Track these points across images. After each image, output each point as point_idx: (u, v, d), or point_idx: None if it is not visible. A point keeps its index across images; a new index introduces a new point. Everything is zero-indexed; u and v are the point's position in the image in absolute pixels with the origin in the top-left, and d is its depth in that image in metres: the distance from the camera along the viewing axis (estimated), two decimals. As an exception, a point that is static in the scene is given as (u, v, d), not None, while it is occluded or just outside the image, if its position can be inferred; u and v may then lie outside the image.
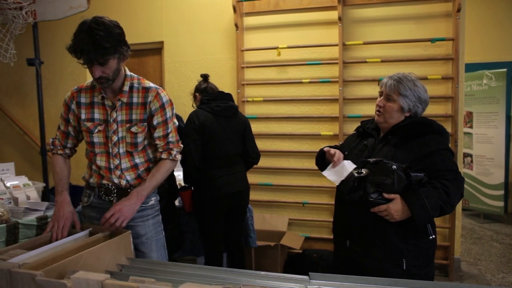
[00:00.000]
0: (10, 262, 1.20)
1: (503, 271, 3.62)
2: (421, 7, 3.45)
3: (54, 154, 1.88)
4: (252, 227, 3.04)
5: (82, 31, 1.54)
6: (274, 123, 3.88)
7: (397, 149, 1.69)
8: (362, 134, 1.91)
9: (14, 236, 2.24)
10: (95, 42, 1.51)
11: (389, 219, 1.58)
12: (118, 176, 1.80)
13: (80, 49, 1.54)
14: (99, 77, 1.63)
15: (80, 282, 1.03)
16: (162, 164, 1.84)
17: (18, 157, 4.81)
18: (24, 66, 3.68)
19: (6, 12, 3.31)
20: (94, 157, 1.82)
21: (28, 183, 2.73)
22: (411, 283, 1.23)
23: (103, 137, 1.79)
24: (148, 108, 1.79)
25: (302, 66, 3.74)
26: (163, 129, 1.83)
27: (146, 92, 1.79)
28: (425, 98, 1.77)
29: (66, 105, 1.85)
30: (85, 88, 1.82)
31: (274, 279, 1.32)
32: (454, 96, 3.34)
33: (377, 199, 1.56)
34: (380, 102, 1.77)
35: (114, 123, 1.77)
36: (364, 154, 1.78)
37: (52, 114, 4.63)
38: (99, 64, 1.59)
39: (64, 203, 1.69)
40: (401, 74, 1.78)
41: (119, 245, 1.51)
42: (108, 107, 1.77)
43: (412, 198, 1.54)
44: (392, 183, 1.55)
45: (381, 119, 1.77)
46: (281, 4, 3.72)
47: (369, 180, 1.56)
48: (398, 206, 1.55)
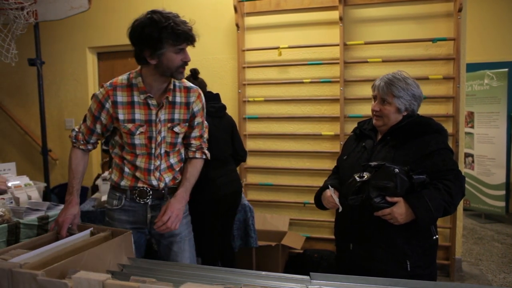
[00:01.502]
0: (11, 262, 1.20)
1: (504, 271, 3.61)
2: (422, 7, 3.45)
3: (74, 147, 1.81)
4: (253, 227, 3.04)
5: (171, 17, 1.57)
6: (275, 123, 3.88)
7: (397, 150, 1.68)
8: (360, 136, 1.89)
9: (15, 236, 2.24)
10: (186, 22, 1.62)
11: (393, 222, 1.57)
12: (157, 178, 1.78)
13: (186, 32, 1.57)
14: (187, 62, 1.66)
15: (81, 282, 1.03)
16: (197, 163, 1.86)
17: (19, 157, 4.82)
18: (26, 66, 3.69)
19: (7, 12, 3.31)
20: (134, 159, 1.76)
21: (29, 183, 2.73)
22: (411, 283, 1.23)
23: (145, 138, 1.74)
24: (191, 108, 1.78)
25: (303, 66, 3.74)
26: (200, 129, 1.84)
27: (188, 92, 1.78)
28: (419, 94, 1.77)
29: (99, 103, 1.73)
30: (121, 85, 1.72)
31: (275, 279, 1.32)
32: (455, 96, 3.34)
33: (380, 203, 1.55)
34: (376, 107, 1.76)
35: (159, 122, 1.73)
36: (363, 156, 1.77)
37: (53, 114, 4.64)
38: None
39: (70, 205, 1.68)
40: (391, 75, 1.77)
41: (120, 245, 1.51)
42: (153, 107, 1.71)
43: (416, 201, 1.54)
44: (395, 187, 1.54)
45: (380, 122, 1.77)
46: (282, 4, 3.72)
47: (371, 184, 1.55)
48: (402, 209, 1.54)
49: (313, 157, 3.77)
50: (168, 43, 1.56)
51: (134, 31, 1.60)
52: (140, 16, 1.62)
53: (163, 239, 1.84)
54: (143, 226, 1.82)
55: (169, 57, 1.59)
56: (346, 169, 1.82)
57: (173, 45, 1.57)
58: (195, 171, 1.83)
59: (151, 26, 1.54)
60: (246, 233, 3.03)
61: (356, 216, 1.71)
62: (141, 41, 1.59)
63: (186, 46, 1.61)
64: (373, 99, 1.81)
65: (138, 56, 1.64)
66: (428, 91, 3.45)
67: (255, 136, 3.88)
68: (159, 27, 1.53)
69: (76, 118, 4.61)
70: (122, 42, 4.27)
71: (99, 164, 4.64)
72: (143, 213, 1.80)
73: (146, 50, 1.59)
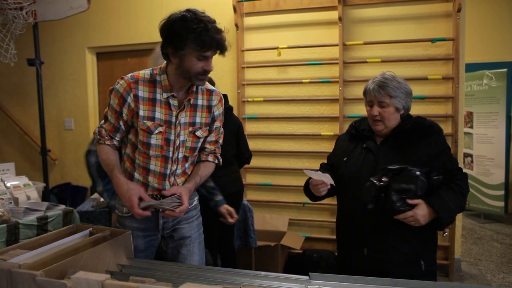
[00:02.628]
0: (10, 262, 1.20)
1: (503, 271, 3.61)
2: (422, 7, 3.45)
3: (100, 144, 1.69)
4: (253, 227, 3.04)
5: (206, 22, 1.48)
6: (274, 123, 3.88)
7: (404, 152, 1.69)
8: (356, 137, 1.87)
9: (15, 236, 2.24)
10: (221, 31, 1.53)
11: (414, 224, 1.57)
12: (171, 183, 1.69)
13: (214, 40, 1.49)
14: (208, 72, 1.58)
15: (81, 282, 1.03)
16: (210, 166, 1.79)
17: (18, 157, 4.82)
18: (25, 66, 3.68)
19: (6, 12, 3.31)
20: (147, 161, 1.66)
21: (28, 183, 2.73)
22: (411, 283, 1.23)
23: (162, 139, 1.64)
24: (212, 112, 1.72)
25: (303, 66, 3.74)
26: (216, 134, 1.78)
27: (210, 95, 1.72)
28: (410, 90, 1.78)
29: (120, 97, 1.61)
30: (143, 80, 1.62)
31: (274, 279, 1.32)
32: (455, 96, 3.34)
33: (402, 206, 1.55)
34: (374, 111, 1.73)
35: (179, 125, 1.65)
36: (368, 158, 1.75)
37: (52, 114, 4.64)
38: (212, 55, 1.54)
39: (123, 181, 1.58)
40: (380, 76, 1.76)
41: (120, 245, 1.51)
42: (174, 107, 1.62)
43: (437, 202, 1.56)
44: (416, 189, 1.55)
45: (381, 127, 1.75)
46: (281, 4, 3.72)
47: (393, 187, 1.55)
48: (424, 211, 1.55)
49: (313, 157, 3.76)
50: (191, 47, 1.48)
51: (164, 24, 1.53)
52: (178, 11, 1.53)
53: (172, 241, 1.78)
54: (155, 232, 1.76)
55: (190, 61, 1.51)
56: (350, 171, 1.78)
57: (196, 50, 1.48)
58: (207, 172, 1.77)
59: (180, 24, 1.47)
60: (245, 233, 3.03)
61: (372, 220, 1.68)
62: (167, 36, 1.53)
63: (211, 55, 1.53)
64: (367, 105, 1.79)
65: (163, 50, 1.58)
66: (427, 91, 3.46)
67: (254, 136, 3.88)
68: (187, 27, 1.45)
69: (75, 118, 4.61)
70: (121, 42, 4.34)
71: (98, 164, 4.63)
72: (154, 220, 1.73)
73: (169, 47, 1.53)
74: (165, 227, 1.75)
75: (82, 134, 4.57)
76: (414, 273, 1.62)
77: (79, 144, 4.56)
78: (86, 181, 4.57)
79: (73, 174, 4.67)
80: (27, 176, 2.85)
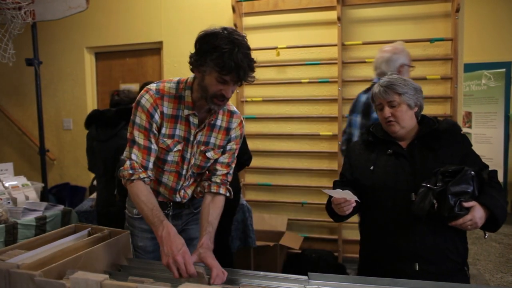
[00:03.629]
0: (9, 262, 1.20)
1: (501, 271, 3.62)
2: (420, 7, 3.45)
3: (133, 182, 1.48)
4: (251, 227, 3.04)
5: (236, 45, 1.35)
6: (273, 123, 3.88)
7: (437, 152, 1.62)
8: (373, 144, 1.74)
9: (13, 237, 2.24)
10: (250, 61, 1.40)
11: (471, 228, 1.48)
12: (181, 196, 1.68)
13: (236, 66, 1.35)
14: (226, 98, 1.45)
15: (79, 282, 1.03)
16: (220, 202, 1.63)
17: (17, 157, 4.81)
18: (23, 66, 3.67)
19: (4, 12, 3.30)
20: (160, 174, 1.62)
21: (27, 183, 2.73)
22: (411, 283, 1.24)
23: (179, 156, 1.58)
24: (229, 135, 1.63)
25: (301, 66, 3.74)
26: (230, 156, 1.67)
27: (230, 117, 1.63)
28: (419, 87, 1.72)
29: (147, 113, 1.49)
30: (169, 95, 1.52)
31: (273, 279, 1.32)
32: (453, 96, 3.35)
33: (460, 210, 1.44)
34: (386, 113, 1.65)
35: (195, 144, 1.58)
36: (402, 163, 1.63)
37: (51, 114, 4.63)
38: (239, 84, 1.43)
39: (171, 236, 1.35)
40: (385, 78, 1.72)
41: (118, 246, 1.51)
42: (193, 126, 1.55)
43: (491, 201, 1.48)
44: (473, 191, 1.47)
45: (397, 128, 1.66)
46: (280, 4, 3.72)
47: (450, 191, 1.44)
48: (481, 212, 1.45)
49: (311, 157, 3.77)
50: (210, 65, 1.37)
51: (200, 35, 1.43)
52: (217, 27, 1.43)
53: None
54: None
55: (209, 81, 1.41)
56: (381, 180, 1.65)
57: (215, 70, 1.37)
58: (217, 212, 1.59)
59: (209, 38, 1.37)
60: (244, 233, 3.03)
61: (423, 230, 1.56)
62: (196, 46, 1.43)
63: (231, 81, 1.40)
64: (378, 109, 1.73)
65: (190, 62, 1.48)
66: (426, 91, 3.44)
67: (253, 136, 3.88)
68: (214, 44, 1.35)
69: (74, 118, 4.60)
70: (120, 42, 4.34)
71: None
72: None
73: (194, 59, 1.44)
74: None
75: (81, 134, 4.55)
76: (462, 281, 1.57)
77: (78, 144, 4.55)
78: (84, 181, 4.57)
79: (71, 174, 4.67)
80: (26, 176, 2.84)
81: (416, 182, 1.55)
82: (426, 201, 1.47)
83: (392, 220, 1.61)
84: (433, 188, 1.46)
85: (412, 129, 1.70)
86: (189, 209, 1.77)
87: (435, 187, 1.46)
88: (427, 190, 1.48)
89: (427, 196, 1.47)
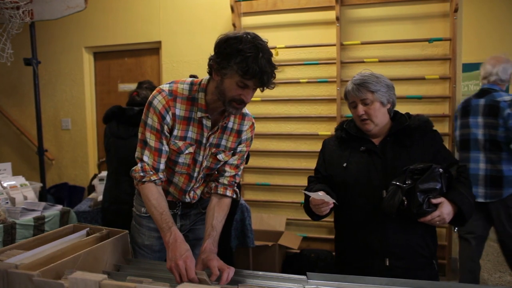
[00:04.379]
0: (7, 263, 1.20)
1: (500, 271, 3.63)
2: (419, 7, 3.46)
3: (144, 184, 1.51)
4: (250, 227, 3.04)
5: (260, 50, 1.35)
6: (272, 123, 3.88)
7: (409, 149, 1.64)
8: (346, 141, 1.77)
9: (11, 237, 2.23)
10: (273, 66, 1.41)
11: (439, 224, 1.52)
12: (191, 197, 1.68)
13: (260, 71, 1.34)
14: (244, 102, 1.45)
15: (78, 282, 1.03)
16: (225, 205, 1.63)
17: (15, 157, 4.80)
18: (21, 66, 3.67)
19: (3, 11, 3.29)
20: (171, 175, 1.62)
21: (25, 183, 2.72)
22: (409, 283, 1.24)
23: (191, 158, 1.57)
24: (240, 137, 1.64)
25: (300, 66, 3.74)
26: (239, 158, 1.67)
27: (242, 119, 1.64)
28: (391, 84, 1.73)
29: (159, 114, 1.49)
30: (182, 97, 1.51)
31: (272, 279, 1.32)
32: (452, 96, 3.35)
33: (429, 207, 1.47)
34: (360, 111, 1.67)
35: (208, 147, 1.58)
36: (374, 160, 1.66)
37: (49, 114, 4.62)
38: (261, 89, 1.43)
39: (177, 243, 1.38)
40: (357, 76, 1.73)
41: (117, 245, 1.51)
42: (206, 128, 1.54)
43: (458, 197, 1.51)
44: (441, 187, 1.50)
45: (371, 125, 1.68)
46: (279, 4, 3.72)
47: (418, 189, 1.47)
48: (449, 208, 1.49)
49: (310, 157, 3.76)
50: (234, 69, 1.35)
51: (220, 38, 1.43)
52: (240, 30, 1.44)
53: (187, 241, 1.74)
54: None
55: (229, 84, 1.40)
56: (354, 176, 1.67)
57: (238, 74, 1.36)
58: (223, 215, 1.59)
59: (233, 42, 1.36)
60: (243, 233, 3.03)
61: (391, 226, 1.59)
62: (217, 50, 1.41)
63: (252, 85, 1.40)
64: (351, 107, 1.75)
65: (209, 64, 1.47)
66: (425, 91, 3.46)
67: (252, 136, 3.88)
68: (237, 48, 1.34)
69: (72, 118, 4.59)
70: (119, 41, 4.34)
71: (96, 164, 4.62)
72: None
73: (215, 62, 1.41)
74: (182, 229, 1.74)
75: (79, 134, 4.56)
76: (431, 274, 1.60)
77: (76, 144, 4.55)
78: (83, 181, 4.56)
79: (70, 174, 4.66)
80: (24, 176, 2.84)
81: (387, 179, 1.57)
82: (395, 198, 1.50)
83: (364, 217, 1.64)
84: (402, 186, 1.49)
85: (385, 126, 1.72)
86: (197, 209, 1.77)
87: (404, 184, 1.49)
88: (396, 188, 1.51)
89: (396, 194, 1.50)
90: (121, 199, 2.54)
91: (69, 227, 1.67)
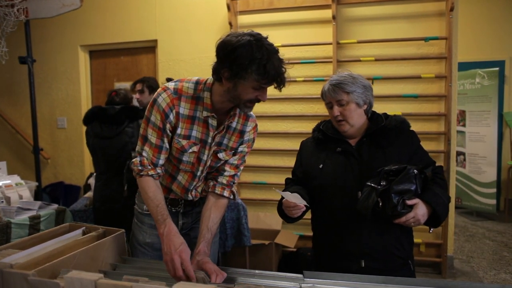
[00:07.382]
0: (2, 262, 1.19)
1: (495, 268, 3.65)
2: (415, 6, 3.47)
3: (142, 177, 1.52)
4: (246, 226, 3.04)
5: (271, 52, 1.36)
6: (268, 121, 3.88)
7: (385, 150, 1.64)
8: (323, 142, 1.76)
9: (6, 236, 2.22)
10: (283, 64, 1.42)
11: (414, 225, 1.52)
12: (193, 195, 1.68)
13: (277, 74, 1.38)
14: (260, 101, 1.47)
15: (73, 281, 1.02)
16: (222, 206, 1.62)
17: (10, 156, 4.78)
18: (16, 65, 3.65)
19: (-3, 9, 3.28)
20: (175, 172, 1.62)
21: (20, 182, 2.71)
22: (404, 281, 1.24)
23: (195, 157, 1.57)
24: (242, 137, 1.63)
25: (296, 64, 3.74)
26: (239, 158, 1.67)
27: (246, 120, 1.63)
28: (369, 84, 1.71)
29: (162, 112, 1.48)
30: (186, 96, 1.50)
31: (268, 277, 1.32)
32: (447, 95, 3.36)
33: (403, 208, 1.47)
34: (335, 112, 1.66)
35: (213, 146, 1.57)
36: (350, 161, 1.65)
37: (45, 113, 4.60)
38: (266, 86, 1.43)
39: (171, 235, 1.39)
40: (335, 76, 1.72)
41: (113, 245, 1.51)
42: (212, 128, 1.54)
43: (433, 198, 1.50)
44: (416, 189, 1.49)
45: (347, 126, 1.67)
46: (275, 2, 3.72)
47: (393, 190, 1.46)
48: (424, 209, 1.48)
49: (307, 155, 3.77)
50: (252, 77, 1.35)
51: (225, 46, 1.38)
52: (238, 32, 1.39)
53: (188, 239, 1.69)
54: None
55: (245, 89, 1.40)
56: (330, 178, 1.66)
57: (256, 81, 1.37)
58: (219, 217, 1.59)
59: (244, 50, 1.33)
60: (239, 232, 3.03)
61: (366, 228, 1.59)
62: (226, 59, 1.37)
63: (269, 86, 1.42)
64: (327, 107, 1.74)
65: (216, 71, 1.44)
66: (420, 90, 3.48)
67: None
68: (251, 56, 1.32)
69: (68, 117, 4.58)
70: (114, 40, 4.32)
71: (92, 163, 4.60)
72: (174, 219, 1.64)
73: (226, 70, 1.38)
74: (184, 227, 1.73)
75: (75, 132, 4.54)
76: (407, 275, 1.60)
77: (72, 143, 4.53)
78: (79, 180, 4.55)
79: (66, 173, 4.64)
80: (19, 175, 2.83)
81: (363, 180, 1.56)
82: (369, 199, 1.48)
83: (339, 218, 1.63)
84: (377, 187, 1.48)
85: (362, 127, 1.71)
86: (199, 207, 1.76)
87: (378, 186, 1.48)
88: (370, 189, 1.50)
89: (370, 195, 1.49)
90: (112, 198, 2.54)
91: (64, 226, 1.66)
